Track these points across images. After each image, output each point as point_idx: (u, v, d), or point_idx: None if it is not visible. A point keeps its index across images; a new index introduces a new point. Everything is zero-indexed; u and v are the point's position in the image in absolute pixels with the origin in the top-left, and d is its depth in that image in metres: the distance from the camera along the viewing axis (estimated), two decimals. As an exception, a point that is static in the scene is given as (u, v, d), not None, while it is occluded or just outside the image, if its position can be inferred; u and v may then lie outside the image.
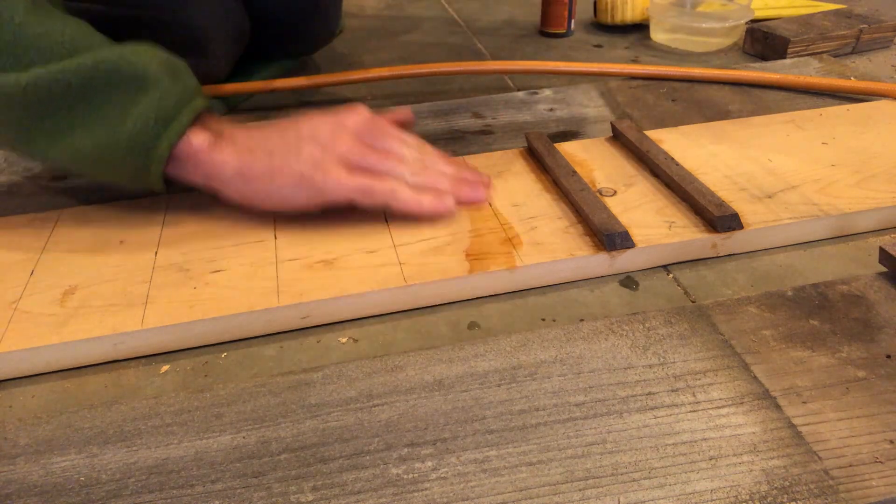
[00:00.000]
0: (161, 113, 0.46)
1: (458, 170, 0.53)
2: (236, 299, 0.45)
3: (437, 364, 0.41)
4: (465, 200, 0.51)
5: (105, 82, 0.45)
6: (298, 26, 0.81)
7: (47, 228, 0.53)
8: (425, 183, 0.50)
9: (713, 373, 0.39)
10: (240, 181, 0.48)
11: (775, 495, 0.33)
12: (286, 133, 0.50)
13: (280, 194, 0.48)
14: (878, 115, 0.65)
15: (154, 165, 0.47)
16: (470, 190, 0.51)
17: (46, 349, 0.42)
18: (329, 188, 0.48)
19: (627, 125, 0.62)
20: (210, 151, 0.48)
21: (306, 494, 0.34)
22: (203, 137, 0.48)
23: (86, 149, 0.46)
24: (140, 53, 0.47)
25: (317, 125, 0.50)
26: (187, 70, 0.50)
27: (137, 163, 0.47)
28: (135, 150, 0.46)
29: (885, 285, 0.45)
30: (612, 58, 0.90)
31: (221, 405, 0.39)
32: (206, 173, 0.48)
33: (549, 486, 0.33)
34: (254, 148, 0.49)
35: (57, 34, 0.45)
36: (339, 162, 0.48)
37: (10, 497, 0.34)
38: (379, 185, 0.48)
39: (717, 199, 0.50)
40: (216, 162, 0.48)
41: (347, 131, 0.50)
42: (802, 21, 0.88)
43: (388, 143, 0.51)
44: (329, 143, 0.49)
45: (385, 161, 0.50)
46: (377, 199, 0.48)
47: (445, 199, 0.50)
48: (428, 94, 0.80)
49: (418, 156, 0.52)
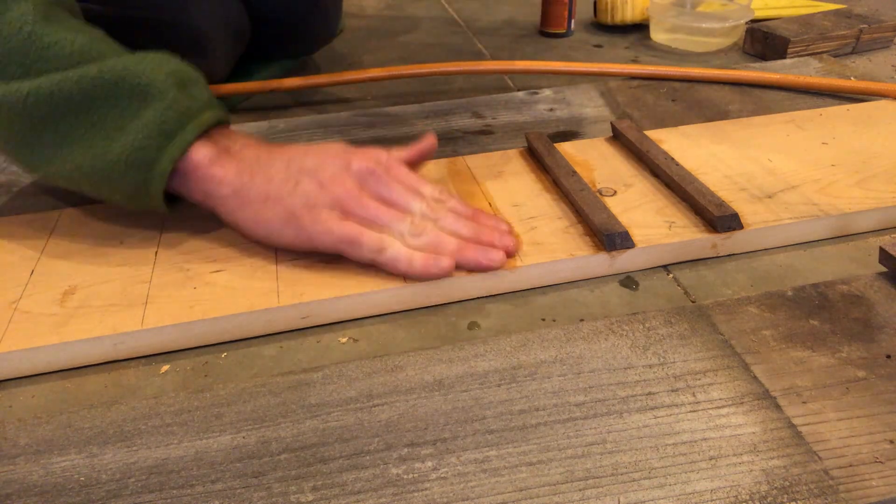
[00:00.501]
0: (165, 126, 0.44)
1: (476, 227, 0.47)
2: (236, 299, 0.45)
3: (437, 364, 0.41)
4: (470, 265, 0.46)
5: (107, 93, 0.44)
6: (298, 26, 0.81)
7: (47, 228, 0.53)
8: (426, 243, 0.46)
9: (713, 373, 0.39)
10: (234, 202, 0.46)
11: (775, 495, 0.33)
12: (291, 162, 0.47)
13: (267, 227, 0.46)
14: (878, 115, 0.65)
15: (155, 182, 0.45)
16: (480, 254, 0.46)
17: (46, 349, 0.42)
18: (315, 232, 0.45)
19: (627, 125, 0.62)
20: (209, 167, 0.46)
21: (306, 494, 0.34)
22: (205, 152, 0.46)
23: (86, 163, 0.45)
24: (148, 63, 0.45)
25: (323, 160, 0.47)
26: (201, 82, 0.48)
27: (137, 178, 0.45)
28: (134, 165, 0.44)
29: (885, 285, 0.45)
30: (612, 58, 0.90)
31: (221, 405, 0.39)
32: (204, 190, 0.46)
33: (549, 486, 0.33)
34: (256, 171, 0.46)
35: (67, 44, 0.44)
36: (334, 205, 0.45)
37: (10, 497, 0.34)
38: (368, 238, 0.44)
39: (717, 199, 0.50)
40: (215, 178, 0.46)
41: (351, 173, 0.46)
42: (802, 21, 0.88)
43: (395, 192, 0.47)
44: (328, 184, 0.46)
45: (384, 213, 0.46)
46: (364, 253, 0.45)
47: (441, 261, 0.45)
48: (428, 94, 0.80)
49: (428, 210, 0.47)
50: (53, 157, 0.45)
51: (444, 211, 0.48)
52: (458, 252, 0.46)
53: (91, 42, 0.45)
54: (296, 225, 0.45)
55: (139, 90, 0.44)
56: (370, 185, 0.47)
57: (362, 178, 0.46)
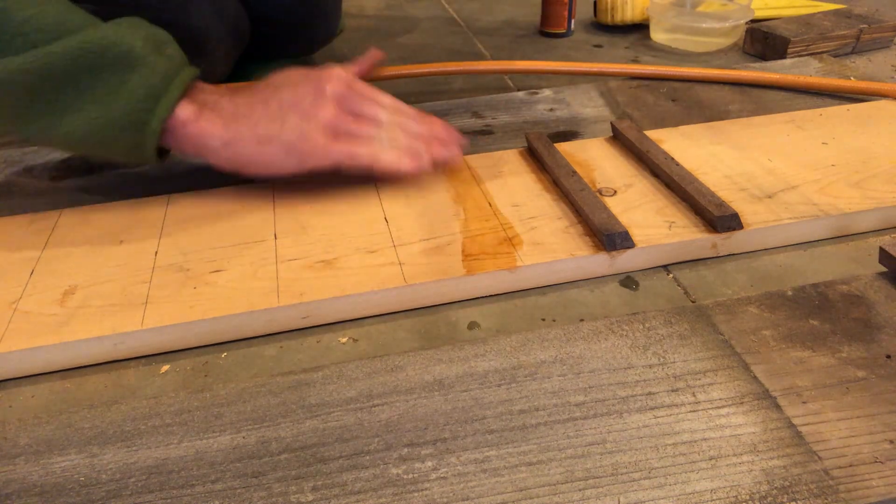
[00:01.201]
0: (151, 90, 0.48)
1: (431, 128, 0.55)
2: (236, 299, 0.45)
3: (437, 364, 0.41)
4: (439, 159, 0.54)
5: (92, 64, 0.46)
6: (298, 26, 0.81)
7: (47, 228, 0.53)
8: (403, 147, 0.53)
9: (713, 373, 0.39)
10: (228, 150, 0.50)
11: (775, 495, 0.33)
12: (269, 101, 0.51)
13: (268, 161, 0.50)
14: (878, 115, 0.65)
15: (148, 140, 0.49)
16: (443, 149, 0.54)
17: (46, 349, 0.42)
18: (316, 155, 0.50)
19: (627, 125, 0.62)
20: (197, 122, 0.50)
21: (306, 494, 0.34)
22: (189, 110, 0.50)
23: (79, 129, 0.47)
24: (124, 30, 0.48)
25: (298, 93, 0.52)
26: (171, 41, 0.51)
27: (131, 139, 0.48)
28: (128, 128, 0.48)
29: (885, 285, 0.45)
30: (612, 58, 0.90)
31: (221, 405, 0.39)
32: (195, 144, 0.50)
33: (549, 486, 0.33)
34: (239, 117, 0.51)
35: (41, 17, 0.46)
36: (323, 130, 0.51)
37: (10, 497, 0.34)
38: (361, 149, 0.51)
39: (717, 199, 0.50)
40: (205, 133, 0.50)
41: (328, 98, 0.52)
42: (802, 21, 0.88)
43: (366, 107, 0.53)
44: (312, 112, 0.51)
45: (365, 126, 0.52)
46: (361, 162, 0.51)
47: (422, 159, 0.53)
48: (428, 94, 0.80)
49: (394, 118, 0.54)
50: (46, 127, 0.48)
51: (404, 117, 0.55)
52: (426, 151, 0.53)
53: (64, 13, 0.47)
54: (296, 156, 0.50)
55: (122, 58, 0.47)
56: (345, 104, 0.52)
57: (338, 100, 0.52)
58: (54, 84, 0.46)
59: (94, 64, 0.47)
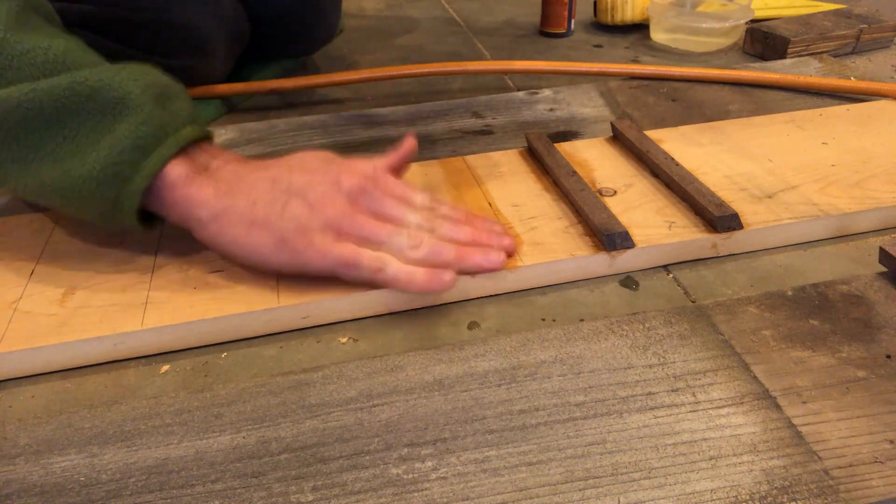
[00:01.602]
0: (140, 142, 0.42)
1: (472, 231, 0.47)
2: (236, 299, 0.45)
3: (437, 364, 0.41)
4: (472, 269, 0.45)
5: (79, 106, 0.41)
6: (298, 26, 0.81)
7: (47, 228, 0.53)
8: (425, 254, 0.44)
9: (713, 373, 0.39)
10: (214, 227, 0.43)
11: (775, 495, 0.33)
12: (277, 182, 0.44)
13: (255, 251, 0.43)
14: (878, 115, 0.65)
15: (128, 200, 0.42)
16: (481, 257, 0.45)
17: (46, 349, 0.42)
18: (309, 257, 0.43)
19: (627, 125, 0.62)
20: (185, 187, 0.43)
21: (306, 494, 0.34)
22: (181, 170, 0.43)
23: (56, 179, 0.42)
24: (125, 75, 0.43)
25: (311, 181, 0.45)
26: (182, 96, 0.46)
27: (108, 196, 0.42)
28: (105, 183, 0.42)
29: (885, 285, 0.45)
30: (612, 58, 0.90)
31: (221, 405, 0.39)
32: (180, 212, 0.44)
33: (549, 486, 0.33)
34: (236, 192, 0.44)
35: (41, 52, 0.41)
36: (327, 228, 0.43)
37: (10, 497, 0.34)
38: (366, 258, 0.43)
39: (717, 199, 0.50)
40: (192, 199, 0.43)
41: (342, 192, 0.44)
42: (802, 21, 0.88)
43: (388, 206, 0.45)
44: (319, 205, 0.43)
45: (380, 229, 0.44)
46: (363, 273, 0.43)
47: (443, 274, 0.44)
48: (428, 94, 0.80)
49: (422, 220, 0.46)
50: (20, 172, 0.42)
51: (439, 219, 0.46)
52: (458, 259, 0.45)
53: (66, 51, 0.43)
54: (288, 250, 0.43)
55: (113, 103, 0.42)
56: (362, 201, 0.45)
57: (353, 196, 0.45)
58: (34, 125, 0.41)
59: (81, 107, 0.41)
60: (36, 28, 0.43)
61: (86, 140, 0.42)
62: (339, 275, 0.44)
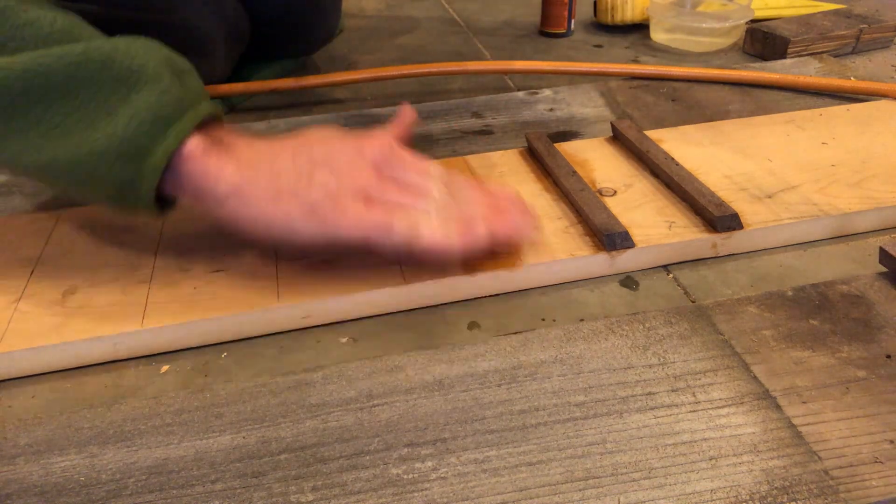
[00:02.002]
0: (161, 113, 0.39)
1: (493, 199, 0.46)
2: (236, 299, 0.45)
3: (437, 364, 0.41)
4: (501, 235, 0.44)
5: (93, 74, 0.39)
6: (298, 26, 0.81)
7: (47, 228, 0.53)
8: (456, 219, 0.43)
9: (713, 373, 0.39)
10: (236, 201, 0.41)
11: (775, 495, 0.33)
12: (298, 154, 0.43)
13: (284, 223, 0.41)
14: (878, 115, 0.65)
15: (147, 178, 0.40)
16: (510, 223, 0.44)
17: (46, 349, 0.42)
18: (343, 224, 0.41)
19: (627, 125, 0.62)
20: (203, 159, 0.41)
21: (306, 494, 0.34)
22: (198, 144, 0.41)
23: (64, 155, 0.39)
24: (139, 46, 0.41)
25: (333, 150, 0.44)
26: (193, 71, 0.44)
27: (125, 173, 0.40)
28: (124, 157, 0.39)
29: (885, 285, 0.45)
30: (612, 58, 0.90)
31: (221, 405, 0.39)
32: (195, 187, 0.41)
33: (549, 486, 0.33)
34: (257, 165, 0.42)
35: (46, 23, 0.39)
36: (356, 193, 0.42)
37: (10, 497, 0.34)
38: (399, 221, 0.41)
39: (717, 199, 0.50)
40: (209, 174, 0.41)
41: (366, 161, 0.43)
42: (802, 21, 0.88)
43: (411, 175, 0.44)
44: (346, 173, 0.42)
45: (409, 196, 0.43)
46: (398, 236, 0.41)
47: (477, 229, 0.42)
48: (428, 94, 0.80)
49: (445, 189, 0.45)
50: (24, 148, 0.39)
51: (459, 188, 0.45)
52: (489, 222, 0.43)
53: (72, 24, 0.41)
54: (318, 219, 0.41)
55: (130, 73, 0.39)
56: (387, 170, 0.44)
57: (378, 165, 0.44)
58: (44, 96, 0.38)
59: (95, 76, 0.39)
60: (40, 3, 0.41)
61: (99, 111, 0.39)
62: (371, 242, 0.42)
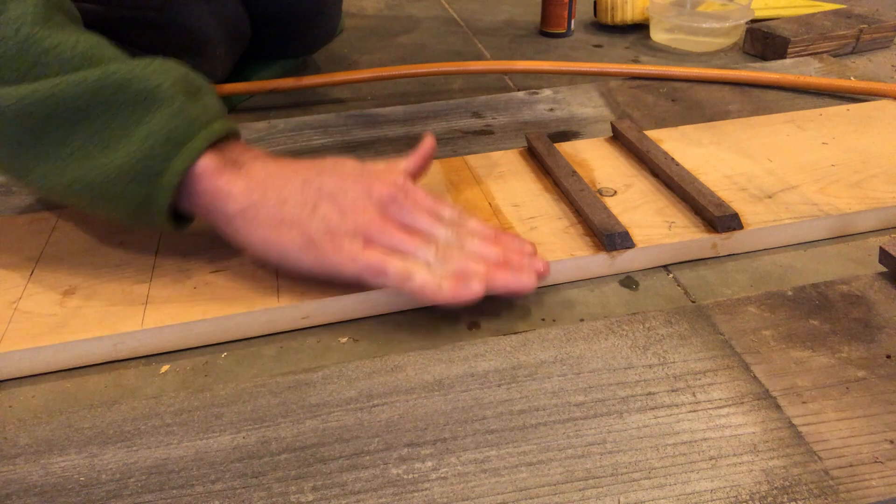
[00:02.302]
0: (173, 134, 0.41)
1: (501, 250, 0.45)
2: (236, 299, 0.45)
3: (437, 364, 0.41)
4: (500, 288, 0.43)
5: (109, 99, 0.41)
6: (298, 26, 0.81)
7: (47, 228, 0.53)
8: (453, 270, 0.43)
9: (713, 373, 0.39)
10: (241, 222, 0.43)
11: (775, 495, 0.33)
12: (308, 183, 0.44)
13: (282, 250, 0.43)
14: (878, 115, 0.65)
15: (161, 196, 0.42)
16: (510, 276, 0.44)
17: (46, 349, 0.42)
18: (337, 261, 0.42)
19: (627, 125, 0.62)
20: (215, 179, 0.42)
21: (306, 494, 0.34)
22: (211, 163, 0.42)
23: (85, 176, 0.41)
24: (154, 68, 0.42)
25: (342, 185, 0.44)
26: (210, 91, 0.45)
27: (141, 192, 0.42)
28: (138, 179, 0.41)
29: (885, 285, 0.45)
30: (612, 58, 0.90)
31: (221, 405, 0.39)
32: (206, 204, 0.43)
33: (549, 486, 0.33)
34: (266, 188, 0.43)
35: (68, 48, 0.41)
36: (357, 234, 0.43)
37: (10, 497, 0.34)
38: (393, 266, 0.42)
39: (717, 199, 0.50)
40: (221, 192, 0.42)
41: (373, 200, 0.44)
42: (802, 21, 0.88)
43: (417, 218, 0.45)
44: (350, 210, 0.43)
45: (409, 241, 0.44)
46: (390, 281, 0.42)
47: (472, 284, 0.42)
48: (428, 94, 0.80)
49: (451, 235, 0.45)
50: (49, 170, 0.42)
51: (468, 235, 0.45)
52: (487, 277, 0.43)
53: (92, 47, 0.42)
54: (316, 252, 0.43)
55: (144, 96, 0.41)
56: (392, 212, 0.44)
57: (384, 205, 0.44)
58: (62, 120, 0.40)
59: (111, 100, 0.41)
60: (61, 25, 0.42)
61: (116, 134, 0.41)
62: (364, 281, 0.43)
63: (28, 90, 0.40)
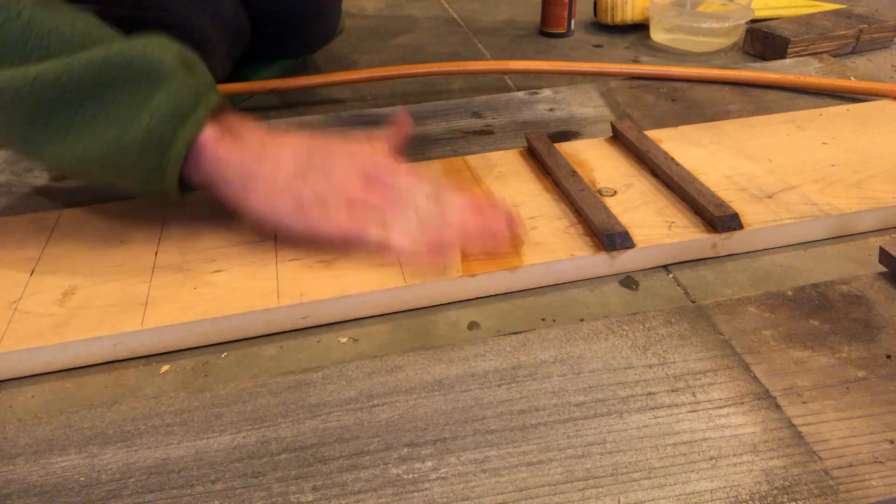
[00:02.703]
0: (179, 108, 0.44)
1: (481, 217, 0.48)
2: (236, 299, 0.45)
3: (437, 364, 0.41)
4: (476, 232, 0.47)
5: (117, 76, 0.43)
6: (298, 26, 0.81)
7: (47, 228, 0.53)
8: (431, 237, 0.46)
9: (713, 373, 0.39)
10: (239, 187, 0.46)
11: (775, 495, 0.33)
12: (299, 152, 0.48)
13: (275, 215, 0.47)
14: (878, 115, 0.65)
15: (171, 165, 0.44)
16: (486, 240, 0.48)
17: (46, 349, 0.42)
18: (324, 228, 0.46)
19: (627, 125, 0.62)
20: (216, 146, 0.46)
21: (306, 494, 0.34)
22: (211, 132, 0.46)
23: (96, 149, 0.44)
24: (154, 45, 0.45)
25: (331, 156, 0.48)
26: (201, 63, 0.48)
27: (151, 163, 0.44)
28: (149, 149, 0.44)
29: (885, 285, 0.45)
30: (612, 58, 0.90)
31: (221, 405, 0.39)
32: (208, 170, 0.46)
33: (549, 486, 0.33)
34: (262, 159, 0.47)
35: (67, 29, 0.43)
36: (342, 202, 0.47)
37: (10, 497, 0.34)
38: (375, 234, 0.46)
39: (717, 199, 0.50)
40: (221, 159, 0.46)
41: (358, 169, 0.48)
42: (802, 21, 0.88)
43: (399, 190, 0.48)
44: (337, 180, 0.47)
45: (390, 211, 0.47)
46: (371, 241, 0.46)
47: (446, 252, 0.47)
48: (428, 94, 0.80)
49: (430, 203, 0.48)
50: (60, 146, 0.44)
51: (447, 205, 0.48)
52: (463, 242, 0.47)
53: (91, 27, 0.44)
54: (305, 219, 0.46)
55: (149, 72, 0.44)
56: (375, 183, 0.48)
57: (370, 176, 0.48)
58: (72, 98, 0.42)
59: (117, 77, 0.43)
60: (59, 7, 0.44)
61: (125, 109, 0.43)
62: (348, 244, 0.47)
63: (38, 71, 0.42)
